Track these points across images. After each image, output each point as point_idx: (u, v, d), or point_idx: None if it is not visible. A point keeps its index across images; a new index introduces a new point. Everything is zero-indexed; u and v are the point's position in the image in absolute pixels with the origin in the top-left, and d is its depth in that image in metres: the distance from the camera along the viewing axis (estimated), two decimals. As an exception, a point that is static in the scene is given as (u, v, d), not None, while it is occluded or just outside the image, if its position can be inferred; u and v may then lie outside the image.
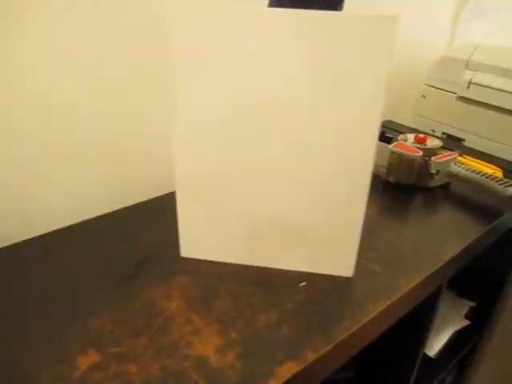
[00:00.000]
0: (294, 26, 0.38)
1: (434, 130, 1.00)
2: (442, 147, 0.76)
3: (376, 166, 0.76)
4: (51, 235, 0.55)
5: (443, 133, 0.98)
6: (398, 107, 1.04)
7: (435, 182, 0.71)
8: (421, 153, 0.69)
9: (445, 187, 0.72)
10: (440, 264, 0.53)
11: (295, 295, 0.47)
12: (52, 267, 0.50)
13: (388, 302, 0.46)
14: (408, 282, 0.49)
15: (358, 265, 0.51)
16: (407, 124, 1.00)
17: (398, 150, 0.70)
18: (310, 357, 0.39)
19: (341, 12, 0.37)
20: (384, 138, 0.84)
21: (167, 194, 0.63)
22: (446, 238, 0.59)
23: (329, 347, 0.40)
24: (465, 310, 0.85)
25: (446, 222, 0.63)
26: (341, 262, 0.49)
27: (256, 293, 0.47)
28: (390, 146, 0.71)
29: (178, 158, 0.47)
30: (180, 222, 0.50)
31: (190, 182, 0.48)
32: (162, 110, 0.64)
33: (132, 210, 0.61)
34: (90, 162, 0.61)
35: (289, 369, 0.38)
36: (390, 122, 0.99)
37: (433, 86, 0.99)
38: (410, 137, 0.78)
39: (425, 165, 0.69)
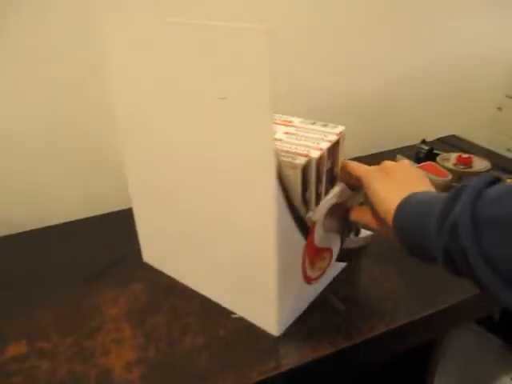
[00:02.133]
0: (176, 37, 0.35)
1: (510, 149, 0.84)
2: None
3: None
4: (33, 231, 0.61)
5: (521, 153, 0.82)
6: (469, 120, 0.90)
7: (467, 214, 0.59)
8: (449, 177, 0.59)
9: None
10: (417, 316, 0.44)
11: (232, 322, 0.44)
12: (24, 260, 0.55)
13: (329, 351, 0.40)
14: (370, 331, 0.43)
15: (321, 297, 0.46)
16: (476, 141, 0.85)
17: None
18: (212, 394, 0.37)
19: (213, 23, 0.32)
20: (430, 155, 0.73)
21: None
22: (448, 287, 0.49)
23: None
24: (514, 371, 0.70)
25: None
26: (263, 317, 0.43)
27: (197, 313, 0.45)
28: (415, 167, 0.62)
29: (128, 175, 0.49)
30: (138, 231, 0.52)
31: (139, 198, 0.49)
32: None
33: (118, 215, 0.63)
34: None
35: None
36: (452, 136, 0.86)
37: (512, 97, 0.83)
38: (453, 156, 0.67)
39: (454, 192, 0.59)
